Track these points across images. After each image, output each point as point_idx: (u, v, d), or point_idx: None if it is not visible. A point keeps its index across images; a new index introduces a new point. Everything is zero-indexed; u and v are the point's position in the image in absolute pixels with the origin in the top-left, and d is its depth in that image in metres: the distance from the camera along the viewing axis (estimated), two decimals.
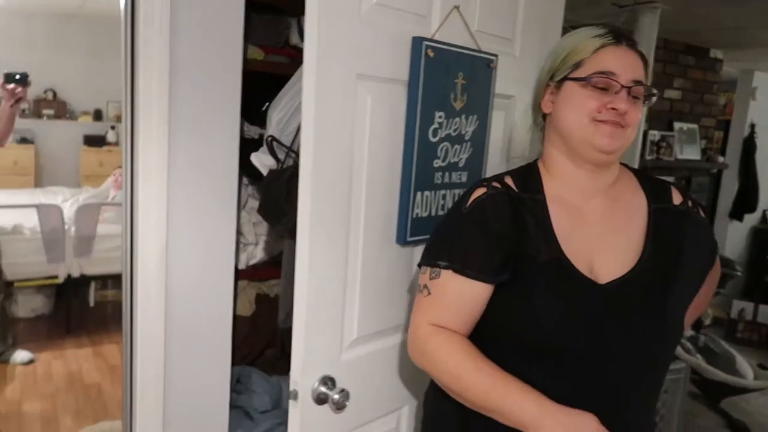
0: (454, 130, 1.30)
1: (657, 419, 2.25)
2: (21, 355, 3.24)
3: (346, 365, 1.19)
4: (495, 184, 1.04)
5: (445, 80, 1.25)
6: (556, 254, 0.99)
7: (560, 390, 0.94)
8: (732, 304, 4.86)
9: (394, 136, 1.22)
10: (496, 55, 1.36)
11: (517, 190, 1.04)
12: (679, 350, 3.11)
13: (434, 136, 1.25)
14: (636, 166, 3.22)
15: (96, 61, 5.00)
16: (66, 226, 3.52)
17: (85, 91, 5.28)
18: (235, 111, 1.57)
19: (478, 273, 0.98)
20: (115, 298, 4.14)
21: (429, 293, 1.02)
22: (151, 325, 1.52)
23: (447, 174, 1.31)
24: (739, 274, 3.92)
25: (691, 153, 4.55)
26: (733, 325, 4.77)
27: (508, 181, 1.05)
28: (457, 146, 1.32)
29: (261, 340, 1.95)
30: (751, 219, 5.54)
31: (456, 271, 0.99)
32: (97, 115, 5.40)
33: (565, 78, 1.02)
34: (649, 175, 1.14)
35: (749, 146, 5.33)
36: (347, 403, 1.14)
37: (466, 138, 1.33)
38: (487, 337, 1.02)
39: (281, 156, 1.57)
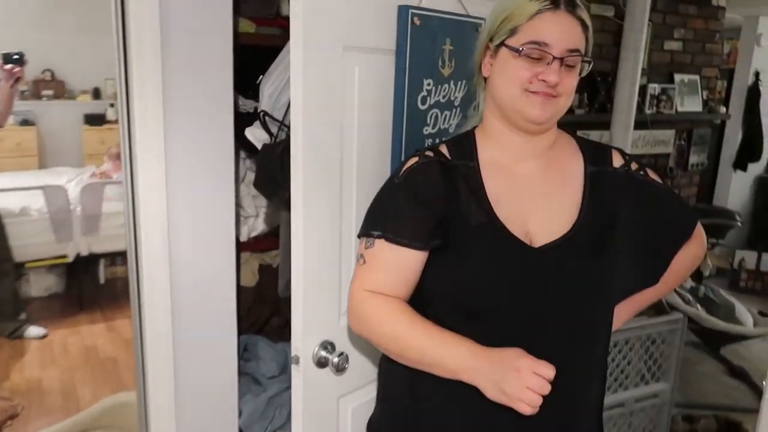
0: (443, 97, 1.31)
1: (610, 378, 2.28)
2: (34, 330, 3.34)
3: (344, 330, 1.23)
4: (428, 153, 1.05)
5: (433, 47, 1.26)
6: (488, 217, 1.00)
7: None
8: (735, 254, 4.89)
9: (384, 105, 1.23)
10: (484, 19, 1.36)
11: (450, 158, 1.05)
12: (676, 300, 3.15)
13: (423, 103, 1.27)
14: (632, 121, 3.21)
15: (91, 38, 4.96)
16: (72, 206, 3.57)
17: (83, 70, 5.26)
18: (228, 85, 1.58)
19: (410, 240, 1.00)
20: (125, 275, 4.21)
21: (365, 262, 1.04)
22: (157, 299, 1.58)
23: (437, 140, 1.32)
24: (738, 224, 3.94)
25: (692, 104, 4.50)
26: (735, 274, 4.81)
27: (443, 149, 1.06)
28: (446, 112, 1.33)
29: (266, 309, 2.00)
30: (756, 168, 5.52)
31: (388, 239, 1.00)
32: (96, 94, 5.39)
33: (502, 43, 1.00)
34: (590, 140, 1.14)
35: (753, 95, 5.26)
36: (347, 366, 1.19)
37: (456, 104, 1.35)
38: (425, 301, 1.04)
39: (274, 130, 1.59)
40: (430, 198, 1.01)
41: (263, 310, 1.99)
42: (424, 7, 1.23)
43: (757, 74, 5.26)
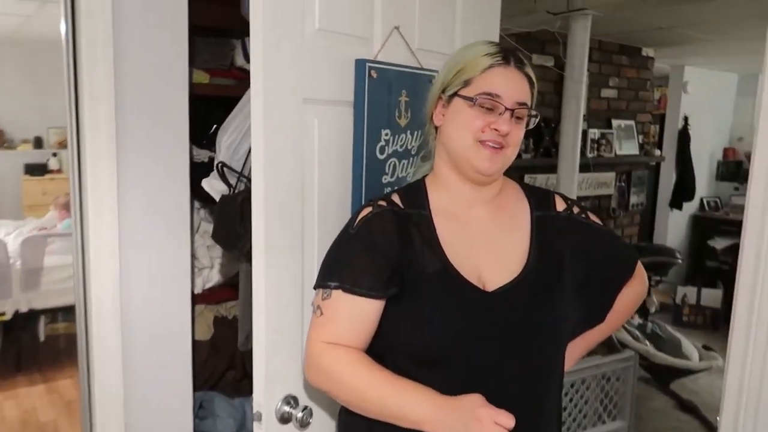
0: (401, 146, 1.34)
1: (565, 414, 2.33)
2: None
3: (307, 383, 1.20)
4: (381, 202, 1.07)
5: (389, 99, 1.29)
6: (442, 264, 1.02)
7: (456, 394, 0.95)
8: (677, 290, 5.09)
9: (343, 155, 1.25)
10: (437, 71, 1.41)
11: (403, 207, 1.07)
12: (627, 338, 3.25)
13: (382, 153, 1.29)
14: (577, 165, 3.35)
15: (34, 87, 4.85)
16: (11, 260, 3.40)
17: (24, 119, 5.11)
18: (184, 136, 1.57)
19: (367, 290, 1.01)
20: (67, 331, 4.01)
21: (322, 313, 1.03)
22: (108, 357, 1.51)
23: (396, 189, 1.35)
24: (679, 261, 4.12)
25: (629, 148, 4.75)
26: (678, 310, 5.00)
27: (395, 198, 1.09)
28: (404, 161, 1.36)
29: (221, 363, 1.94)
30: (690, 207, 5.83)
31: (345, 290, 1.01)
32: (38, 143, 5.22)
33: (455, 94, 1.05)
34: (534, 186, 1.20)
35: (684, 138, 5.61)
36: (310, 421, 1.16)
37: (413, 153, 1.38)
38: (383, 350, 1.04)
39: (233, 181, 1.58)
40: (385, 247, 1.02)
41: (219, 364, 1.93)
42: (380, 61, 1.27)
43: (685, 119, 5.62)
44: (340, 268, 1.03)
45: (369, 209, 1.07)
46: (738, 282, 1.24)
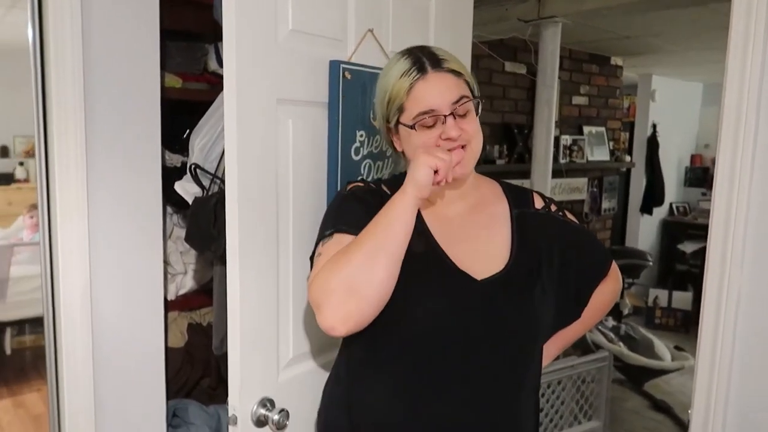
0: (376, 147, 1.34)
1: (547, 408, 2.34)
2: None
3: (283, 385, 1.19)
4: (371, 183, 1.11)
5: (364, 100, 1.30)
6: (431, 246, 1.03)
7: (433, 380, 0.97)
8: (649, 293, 5.19)
9: (318, 156, 1.25)
10: None
11: (390, 193, 1.07)
12: (601, 339, 3.29)
13: (356, 154, 1.29)
14: (550, 170, 3.40)
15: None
16: None
17: None
18: (156, 140, 1.55)
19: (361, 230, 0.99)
20: (35, 344, 3.89)
21: (320, 254, 1.01)
22: (78, 368, 1.47)
23: None
24: (650, 263, 4.20)
25: (600, 154, 4.84)
26: (650, 312, 5.09)
27: (383, 186, 1.11)
28: (379, 162, 1.36)
29: (196, 370, 1.91)
30: (660, 212, 5.95)
31: (342, 231, 1.01)
32: (3, 152, 5.11)
33: (397, 123, 1.05)
34: (513, 184, 1.21)
35: (652, 145, 5.74)
36: (287, 423, 1.14)
37: (388, 154, 1.38)
38: (365, 330, 0.99)
39: (206, 183, 1.56)
40: (375, 207, 1.00)
41: (193, 372, 1.90)
42: (354, 62, 1.27)
43: (654, 126, 5.75)
44: (335, 220, 1.05)
45: (360, 182, 1.10)
46: (705, 284, 1.26)
